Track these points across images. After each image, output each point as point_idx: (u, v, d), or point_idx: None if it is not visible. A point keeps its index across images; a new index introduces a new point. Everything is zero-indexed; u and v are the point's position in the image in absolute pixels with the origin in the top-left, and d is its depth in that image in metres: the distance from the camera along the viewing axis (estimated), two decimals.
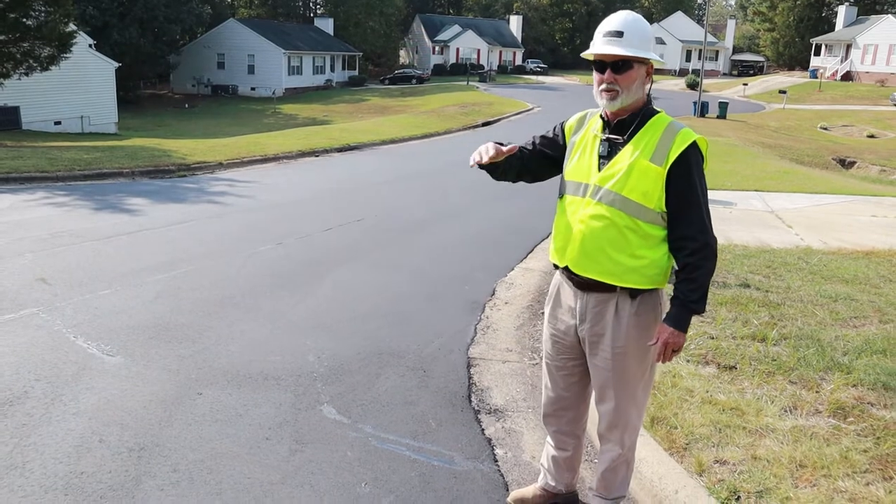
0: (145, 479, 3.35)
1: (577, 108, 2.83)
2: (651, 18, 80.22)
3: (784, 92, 48.32)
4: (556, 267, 2.96)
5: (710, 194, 2.85)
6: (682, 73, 71.17)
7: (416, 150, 21.96)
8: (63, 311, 5.65)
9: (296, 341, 5.32)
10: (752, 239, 9.44)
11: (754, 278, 7.15)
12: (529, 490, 3.34)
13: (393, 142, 23.76)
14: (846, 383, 4.49)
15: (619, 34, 2.69)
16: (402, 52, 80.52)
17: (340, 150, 20.47)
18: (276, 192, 12.52)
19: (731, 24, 79.08)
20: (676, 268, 2.77)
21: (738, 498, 3.21)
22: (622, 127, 2.77)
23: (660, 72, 73.39)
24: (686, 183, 2.67)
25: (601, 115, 2.85)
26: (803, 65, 67.13)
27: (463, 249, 8.69)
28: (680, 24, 75.84)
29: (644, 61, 2.72)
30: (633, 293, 2.78)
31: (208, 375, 4.59)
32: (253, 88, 54.59)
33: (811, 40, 64.88)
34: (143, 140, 21.68)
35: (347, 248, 8.44)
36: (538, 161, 3.02)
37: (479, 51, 74.14)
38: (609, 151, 2.77)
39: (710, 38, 66.19)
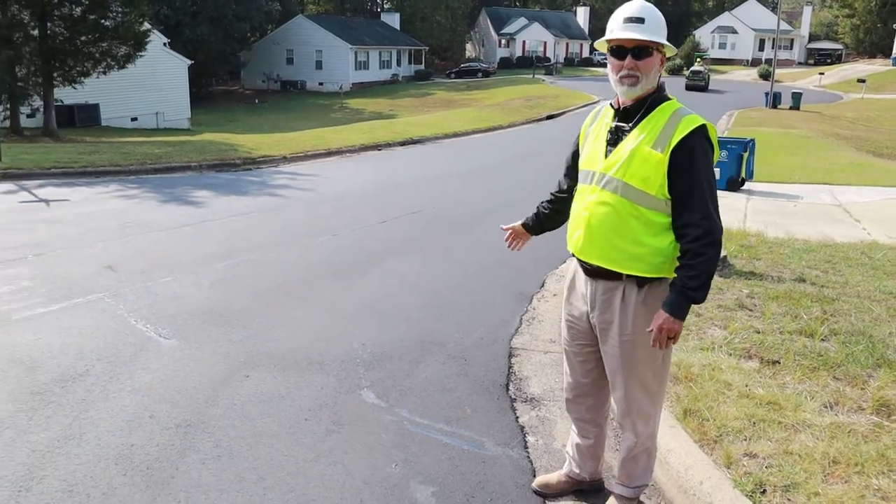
0: (189, 453, 3.57)
1: None
2: (723, 7, 77.98)
3: (863, 81, 46.29)
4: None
5: (776, 188, 2.86)
6: (754, 62, 68.93)
7: (479, 143, 22.05)
8: (126, 296, 5.98)
9: (343, 329, 5.49)
10: (815, 233, 9.17)
11: (811, 273, 6.97)
12: (554, 476, 3.40)
13: (456, 135, 23.92)
14: (895, 381, 4.36)
15: (641, 20, 2.72)
16: (468, 46, 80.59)
17: (403, 143, 20.72)
18: (337, 185, 12.82)
19: (807, 10, 76.10)
20: None
21: (764, 491, 3.19)
22: (629, 114, 2.80)
23: (730, 62, 71.33)
24: (688, 169, 2.66)
25: (611, 104, 2.89)
26: (885, 52, 64.05)
27: None
28: (753, 13, 73.43)
29: (661, 49, 2.75)
30: (640, 281, 2.80)
31: (256, 359, 4.80)
32: (321, 83, 55.66)
33: (894, 25, 61.76)
34: (213, 135, 22.45)
35: (402, 239, 8.61)
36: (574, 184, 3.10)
37: (545, 43, 73.59)
38: (615, 139, 2.81)
39: (785, 26, 63.84)
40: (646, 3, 2.79)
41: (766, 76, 50.34)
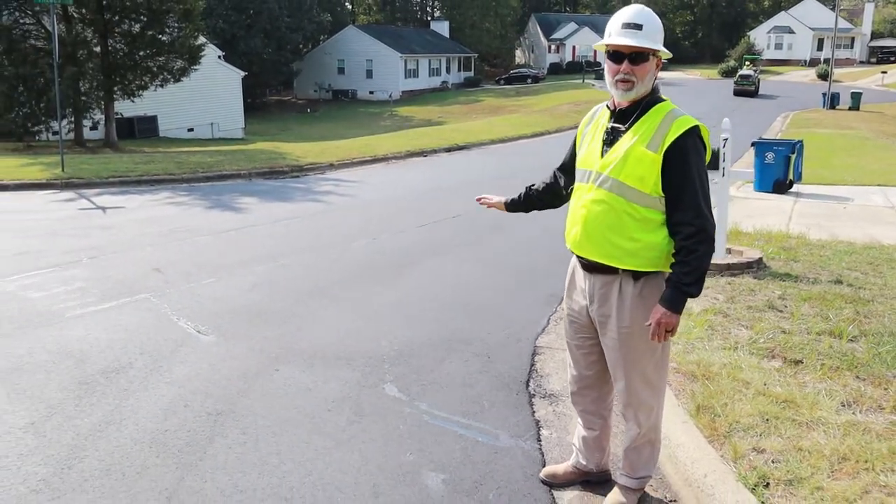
0: (217, 439, 3.80)
1: (694, 103, 3.00)
2: (779, 6, 76.17)
3: None
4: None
5: (827, 190, 2.92)
6: (812, 63, 67.07)
7: (525, 148, 22.13)
8: (170, 296, 6.30)
9: (373, 327, 5.68)
10: (862, 235, 8.99)
11: (850, 275, 6.87)
12: (561, 467, 3.50)
13: (502, 141, 24.05)
14: None
15: (639, 27, 2.81)
16: (517, 52, 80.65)
17: (449, 149, 20.94)
18: (379, 191, 13.09)
19: (868, 7, 73.64)
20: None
21: (768, 485, 3.23)
22: (625, 115, 2.91)
23: (787, 63, 69.61)
24: (681, 168, 2.77)
25: (607, 105, 3.00)
26: None
27: (551, 243, 8.79)
28: (811, 12, 71.49)
29: (656, 54, 2.85)
30: (636, 275, 2.90)
31: (287, 355, 5.03)
32: (371, 92, 56.48)
33: None
34: (264, 144, 23.08)
35: (439, 242, 8.78)
36: (568, 178, 3.29)
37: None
38: (611, 139, 2.92)
39: (845, 24, 61.92)
40: (644, 8, 2.90)
41: (824, 76, 48.99)
